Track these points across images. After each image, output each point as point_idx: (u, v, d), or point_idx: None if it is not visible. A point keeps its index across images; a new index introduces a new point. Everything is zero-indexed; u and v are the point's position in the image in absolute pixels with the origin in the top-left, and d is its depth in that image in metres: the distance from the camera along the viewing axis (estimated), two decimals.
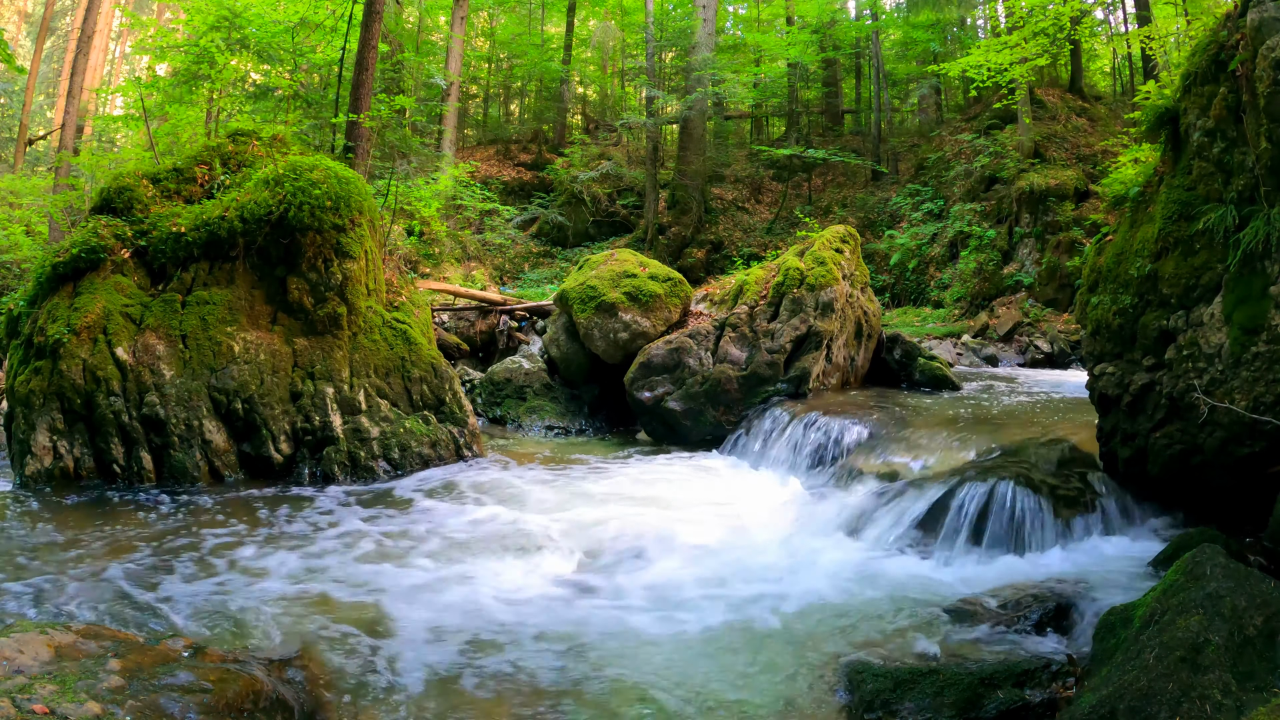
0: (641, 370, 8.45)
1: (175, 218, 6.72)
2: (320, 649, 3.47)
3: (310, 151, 8.31)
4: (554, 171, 21.64)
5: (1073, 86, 20.04)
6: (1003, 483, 4.77)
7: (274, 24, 11.85)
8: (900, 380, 9.23)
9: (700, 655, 3.51)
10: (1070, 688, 3.00)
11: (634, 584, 4.35)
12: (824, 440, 6.77)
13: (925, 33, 21.89)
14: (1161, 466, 4.37)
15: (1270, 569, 3.44)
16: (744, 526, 5.43)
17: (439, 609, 3.97)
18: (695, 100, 18.94)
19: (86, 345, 6.14)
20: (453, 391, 7.39)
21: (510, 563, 4.62)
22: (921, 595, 4.08)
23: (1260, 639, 2.60)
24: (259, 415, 6.41)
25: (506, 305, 12.62)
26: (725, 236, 20.19)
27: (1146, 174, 4.82)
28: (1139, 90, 6.84)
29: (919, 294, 17.12)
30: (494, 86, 27.52)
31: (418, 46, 19.32)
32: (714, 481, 6.79)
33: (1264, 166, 3.70)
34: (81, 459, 6.00)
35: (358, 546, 4.86)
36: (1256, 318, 3.79)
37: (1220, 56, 3.99)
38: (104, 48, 25.00)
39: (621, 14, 25.74)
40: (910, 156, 21.15)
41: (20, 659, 2.65)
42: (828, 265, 8.56)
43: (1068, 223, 14.71)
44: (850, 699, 3.08)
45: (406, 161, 15.77)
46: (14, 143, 21.00)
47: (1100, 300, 4.77)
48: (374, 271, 7.24)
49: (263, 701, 2.76)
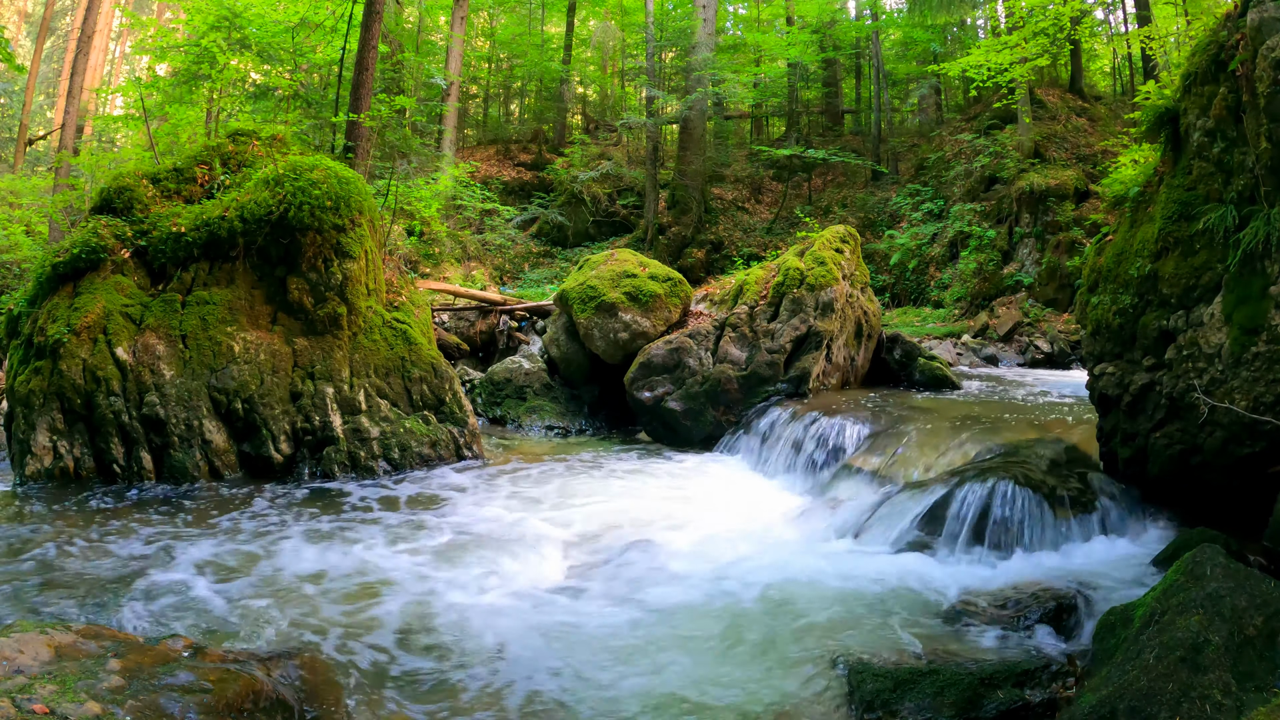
0: (641, 370, 8.45)
1: (175, 218, 6.73)
2: (320, 648, 3.47)
3: (310, 151, 8.32)
4: (554, 171, 21.63)
5: (1073, 86, 20.03)
6: (1003, 483, 4.77)
7: (274, 24, 11.86)
8: (900, 380, 9.23)
9: (699, 655, 3.51)
10: (1070, 688, 3.00)
11: (632, 584, 4.35)
12: (824, 440, 6.77)
13: (925, 33, 21.88)
14: (1161, 466, 4.37)
15: (1270, 569, 3.44)
16: (744, 526, 5.43)
17: (439, 608, 3.97)
18: (695, 100, 18.94)
19: (86, 345, 6.14)
20: (453, 391, 7.39)
21: (509, 562, 4.62)
22: (922, 595, 4.08)
23: (1260, 639, 2.60)
24: (259, 415, 6.42)
25: (506, 305, 12.62)
26: (725, 236, 20.19)
27: (1146, 174, 4.82)
28: (1139, 90, 6.83)
29: (919, 294, 17.12)
30: (494, 86, 27.52)
31: (418, 46, 19.31)
32: (713, 481, 6.80)
33: (1264, 166, 3.70)
34: (81, 459, 6.00)
35: (356, 545, 4.86)
36: (1256, 318, 3.79)
37: (1220, 56, 3.99)
38: (104, 48, 25.01)
39: (621, 14, 25.74)
40: (910, 156, 21.15)
41: (20, 659, 2.65)
42: (828, 265, 8.56)
43: (1068, 223, 14.71)
44: (850, 699, 3.08)
45: (406, 161, 15.77)
46: (14, 143, 21.00)
47: (1100, 300, 4.77)
48: (374, 271, 7.24)
49: (263, 701, 2.76)
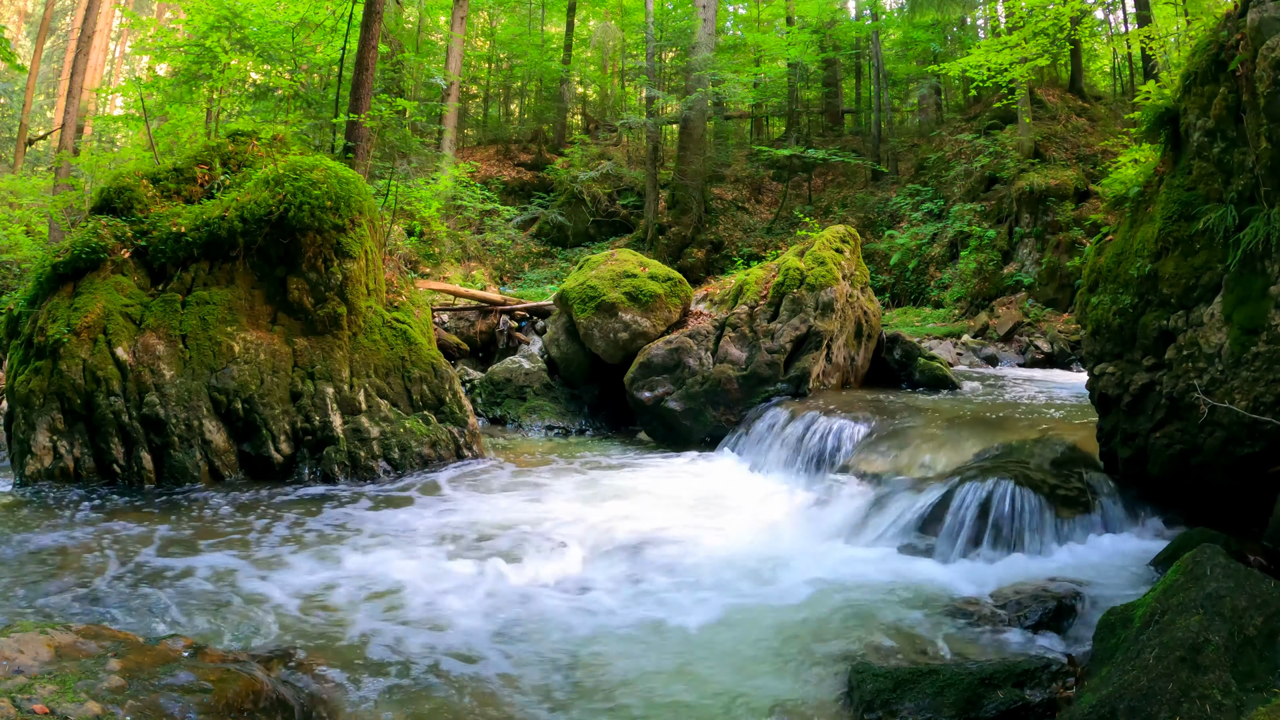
0: (641, 370, 8.45)
1: (175, 218, 6.73)
2: (321, 648, 3.47)
3: (310, 151, 8.32)
4: (554, 171, 21.63)
5: (1073, 86, 20.03)
6: (1003, 482, 4.77)
7: (274, 24, 11.86)
8: (900, 380, 9.23)
9: (698, 655, 3.51)
10: (1070, 688, 3.00)
11: (632, 583, 4.35)
12: (824, 440, 6.77)
13: (925, 33, 21.88)
14: (1161, 466, 4.37)
15: (1270, 569, 3.44)
16: (744, 526, 5.43)
17: (439, 608, 3.97)
18: (695, 100, 18.93)
19: (86, 345, 6.14)
20: (453, 391, 7.39)
21: (509, 561, 4.62)
22: (921, 595, 4.08)
23: (1260, 639, 2.60)
24: (259, 415, 6.41)
25: (506, 305, 12.62)
26: (725, 236, 20.19)
27: (1146, 174, 4.82)
28: (1139, 90, 6.84)
29: (919, 294, 17.12)
30: (494, 86, 27.52)
31: (418, 46, 19.32)
32: (713, 481, 6.80)
33: (1264, 166, 3.70)
34: (81, 459, 6.00)
35: (357, 546, 4.87)
36: (1256, 318, 3.79)
37: (1220, 56, 3.99)
38: (104, 48, 24.99)
39: (621, 14, 25.73)
40: (910, 156, 21.15)
41: (20, 659, 2.65)
42: (828, 265, 8.56)
43: (1068, 223, 14.71)
44: (850, 699, 3.08)
45: (406, 161, 15.78)
46: (14, 143, 20.99)
47: (1100, 300, 4.77)
48: (374, 271, 7.24)
49: (263, 701, 2.76)
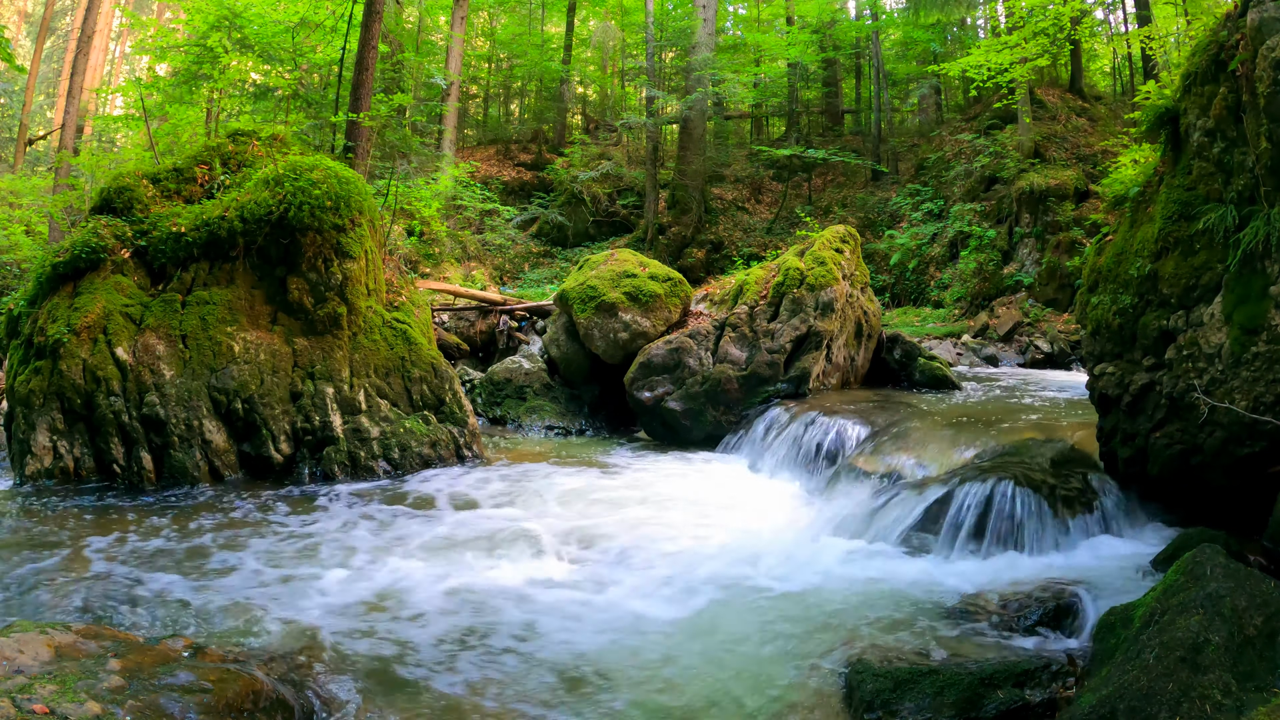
0: (641, 370, 8.45)
1: (175, 218, 6.73)
2: (321, 648, 3.47)
3: (310, 151, 8.31)
4: (554, 171, 21.63)
5: (1073, 86, 20.03)
6: (1003, 482, 4.77)
7: (274, 24, 11.87)
8: (900, 380, 9.23)
9: (698, 655, 3.51)
10: (1070, 688, 3.00)
11: (631, 583, 4.35)
12: (824, 440, 6.77)
13: (925, 33, 21.89)
14: (1161, 466, 4.37)
15: (1270, 569, 3.44)
16: (743, 526, 5.43)
17: (439, 607, 3.97)
18: (695, 100, 18.93)
19: (86, 345, 6.14)
20: (453, 391, 7.39)
21: (508, 561, 4.63)
22: (921, 595, 4.08)
23: (1260, 639, 2.60)
24: (259, 415, 6.41)
25: (506, 305, 12.62)
26: (725, 236, 20.19)
27: (1146, 174, 4.81)
28: (1139, 90, 6.83)
29: (919, 294, 17.12)
30: (494, 86, 27.53)
31: (418, 46, 19.31)
32: (713, 481, 6.80)
33: (1264, 166, 3.70)
34: (81, 459, 6.00)
35: (357, 546, 4.87)
36: (1256, 318, 3.79)
37: (1220, 56, 3.99)
38: (104, 48, 25.00)
39: (621, 14, 25.73)
40: (910, 156, 21.16)
41: (20, 659, 2.65)
42: (828, 265, 8.56)
43: (1068, 223, 14.71)
44: (850, 698, 3.08)
45: (406, 161, 15.78)
46: (14, 143, 21.00)
47: (1100, 300, 4.77)
48: (374, 271, 7.24)
49: (263, 701, 2.76)
